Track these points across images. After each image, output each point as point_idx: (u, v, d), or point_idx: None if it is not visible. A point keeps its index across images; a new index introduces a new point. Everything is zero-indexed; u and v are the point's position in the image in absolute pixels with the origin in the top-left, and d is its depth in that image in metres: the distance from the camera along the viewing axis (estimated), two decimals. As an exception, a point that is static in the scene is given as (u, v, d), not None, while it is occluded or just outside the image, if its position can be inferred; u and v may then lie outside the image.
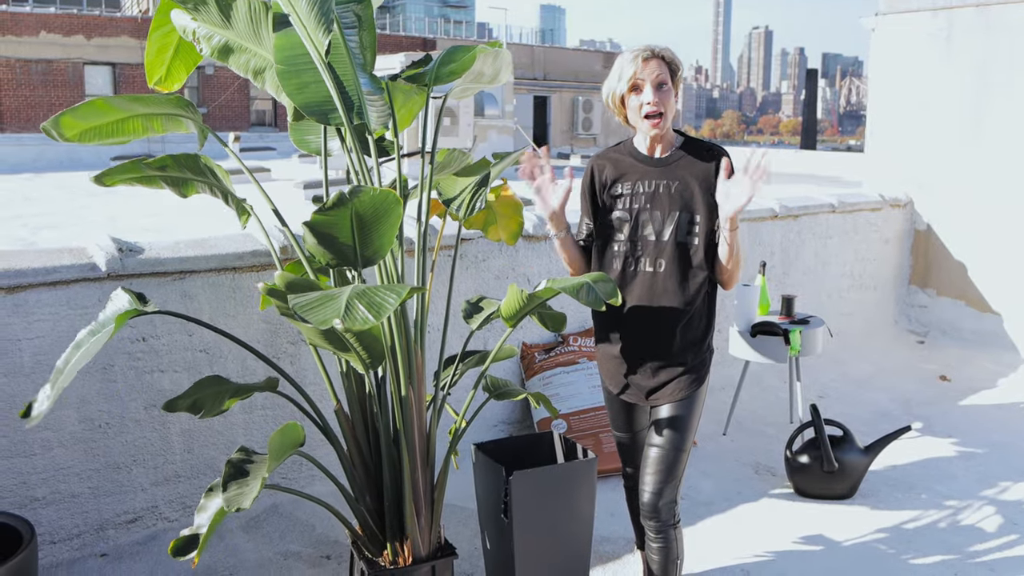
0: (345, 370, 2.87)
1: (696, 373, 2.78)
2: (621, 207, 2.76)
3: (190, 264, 3.48)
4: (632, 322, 2.77)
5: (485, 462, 3.08)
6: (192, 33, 2.93)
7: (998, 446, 4.77)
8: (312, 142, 3.33)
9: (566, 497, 3.02)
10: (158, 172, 2.90)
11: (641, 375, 2.79)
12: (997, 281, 6.55)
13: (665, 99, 2.64)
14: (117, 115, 2.79)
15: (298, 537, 3.62)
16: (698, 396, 2.78)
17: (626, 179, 2.76)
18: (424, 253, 2.92)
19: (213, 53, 2.97)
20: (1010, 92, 6.35)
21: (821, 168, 22.62)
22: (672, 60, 2.66)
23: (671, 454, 2.74)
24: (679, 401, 2.75)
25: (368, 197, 2.40)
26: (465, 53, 2.96)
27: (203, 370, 3.56)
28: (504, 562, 3.05)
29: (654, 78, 2.62)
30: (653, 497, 2.75)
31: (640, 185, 2.74)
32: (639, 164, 2.77)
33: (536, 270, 4.64)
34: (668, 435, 2.74)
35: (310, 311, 2.13)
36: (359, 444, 2.90)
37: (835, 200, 6.37)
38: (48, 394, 2.40)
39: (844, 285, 6.56)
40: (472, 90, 3.41)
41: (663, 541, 2.78)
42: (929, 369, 6.22)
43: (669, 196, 2.70)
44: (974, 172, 6.57)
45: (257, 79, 3.07)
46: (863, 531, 3.80)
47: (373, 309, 2.13)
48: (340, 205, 2.37)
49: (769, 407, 5.31)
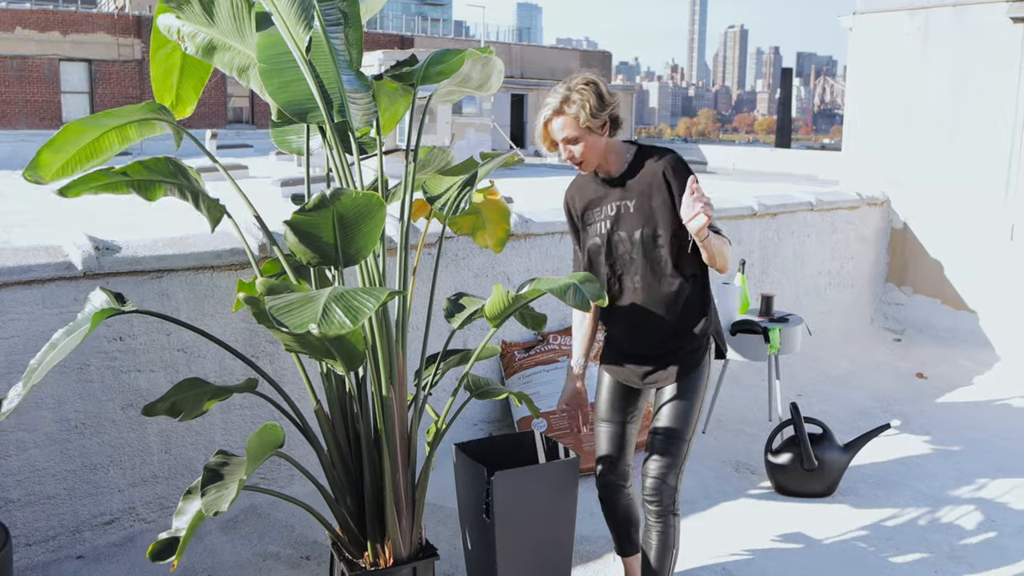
0: (325, 371, 2.84)
1: (690, 359, 2.85)
2: (595, 234, 2.85)
3: (167, 263, 3.44)
4: (628, 334, 2.88)
5: (466, 462, 3.06)
6: (177, 32, 2.91)
7: (975, 443, 4.81)
8: (293, 142, 3.30)
9: (548, 497, 3.01)
10: (122, 178, 2.85)
11: (642, 363, 2.88)
12: (972, 279, 6.61)
13: (578, 150, 2.71)
14: (92, 134, 2.74)
15: (277, 538, 3.59)
16: (696, 385, 2.86)
17: (593, 205, 2.85)
18: (406, 252, 2.90)
19: (198, 51, 2.94)
20: (985, 92, 6.41)
21: (796, 166, 22.76)
22: (574, 112, 2.65)
23: (674, 440, 2.80)
24: (678, 390, 2.83)
25: (350, 200, 2.38)
26: (454, 56, 2.94)
27: (181, 370, 3.52)
28: (486, 562, 3.04)
29: (563, 138, 2.71)
30: (656, 481, 2.79)
31: (605, 209, 2.83)
32: (601, 187, 2.85)
33: (516, 268, 4.63)
34: (670, 420, 2.82)
35: (287, 314, 2.10)
36: (339, 444, 2.87)
37: (813, 198, 6.40)
38: (19, 392, 2.36)
39: (822, 283, 6.60)
40: (459, 94, 3.39)
41: (662, 526, 2.81)
42: (906, 367, 6.27)
43: (631, 215, 2.77)
44: (950, 171, 6.63)
45: (242, 77, 3.04)
46: (843, 529, 3.81)
47: (351, 313, 2.11)
48: (321, 207, 2.35)
49: (748, 405, 5.33)
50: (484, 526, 2.97)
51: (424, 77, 2.96)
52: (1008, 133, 6.31)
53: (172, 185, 2.93)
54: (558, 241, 4.75)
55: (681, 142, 41.43)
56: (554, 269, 4.74)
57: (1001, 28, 6.28)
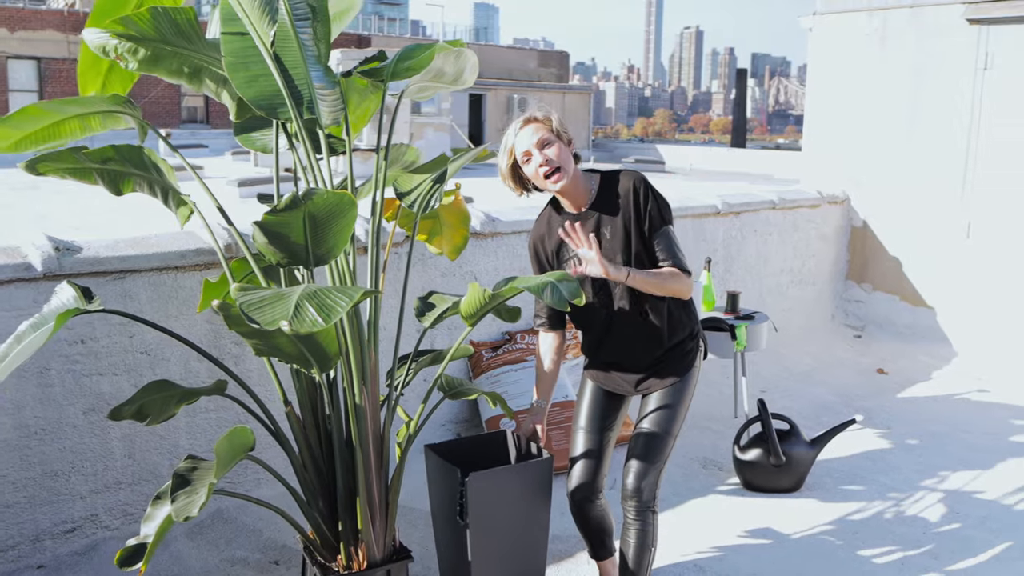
0: (296, 372, 2.79)
1: (680, 363, 2.88)
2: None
3: (130, 263, 3.36)
4: (616, 350, 2.89)
5: (438, 464, 3.02)
6: (114, 50, 2.67)
7: (936, 436, 4.88)
8: (258, 139, 3.24)
9: (522, 497, 2.99)
10: (97, 164, 2.79)
11: (631, 375, 2.90)
12: (930, 276, 6.72)
13: (553, 152, 2.70)
14: (52, 118, 2.67)
15: (245, 543, 3.53)
16: (686, 386, 2.88)
17: (565, 243, 2.82)
18: (377, 251, 2.87)
19: (141, 66, 2.76)
20: (942, 92, 6.51)
21: (753, 166, 23.00)
22: (546, 119, 2.74)
23: (659, 437, 2.82)
24: (667, 389, 2.86)
25: (322, 199, 2.34)
26: (424, 51, 2.91)
27: (144, 373, 3.45)
28: (460, 565, 3.00)
29: (536, 141, 2.71)
30: (637, 479, 2.79)
31: None
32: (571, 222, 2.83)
33: (483, 267, 4.61)
34: (657, 419, 2.83)
35: (258, 310, 2.06)
36: (311, 446, 2.83)
37: (775, 197, 6.46)
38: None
39: (784, 281, 6.66)
40: (432, 89, 3.35)
41: (641, 523, 2.81)
42: (867, 362, 6.35)
43: (608, 243, 2.79)
44: (908, 170, 6.73)
45: (192, 82, 2.96)
46: (811, 523, 3.85)
47: (323, 312, 2.07)
48: (293, 207, 2.31)
49: (713, 402, 5.35)
50: (458, 528, 2.93)
51: (394, 73, 2.93)
52: (964, 133, 6.42)
53: (142, 179, 2.87)
54: (525, 240, 4.74)
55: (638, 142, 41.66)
56: (521, 268, 4.73)
57: (957, 29, 6.39)
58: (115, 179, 2.85)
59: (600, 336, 2.89)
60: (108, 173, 2.82)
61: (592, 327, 2.90)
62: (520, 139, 2.72)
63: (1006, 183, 6.26)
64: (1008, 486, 4.24)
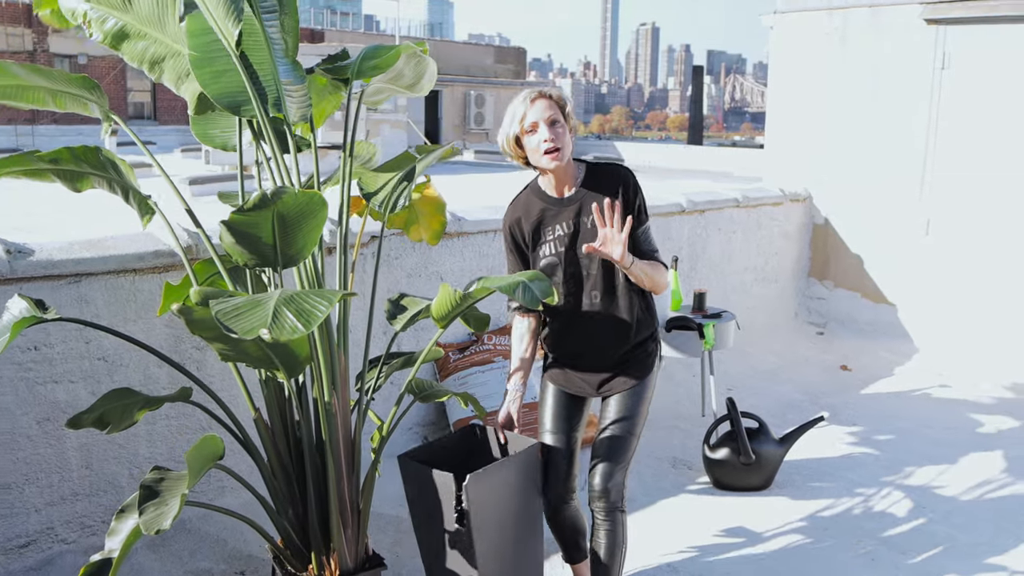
0: (264, 377, 2.71)
1: (643, 364, 2.88)
2: (549, 252, 2.83)
3: (86, 266, 3.25)
4: (581, 343, 2.87)
5: (419, 472, 2.85)
6: (83, 16, 2.69)
7: (901, 432, 4.92)
8: (217, 136, 3.14)
9: (519, 489, 2.83)
10: (49, 165, 2.68)
11: (593, 375, 2.87)
12: (891, 273, 6.78)
13: (560, 135, 2.71)
14: (14, 80, 2.58)
15: (209, 553, 3.43)
16: (647, 385, 2.88)
17: (545, 225, 2.83)
18: (346, 252, 2.80)
19: (106, 39, 2.72)
20: (901, 91, 6.57)
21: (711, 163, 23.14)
22: (560, 99, 2.75)
23: (623, 437, 2.81)
24: (630, 389, 2.85)
25: (291, 199, 2.26)
26: (389, 50, 2.85)
27: (102, 380, 3.34)
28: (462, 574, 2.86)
29: (547, 117, 2.70)
30: (603, 479, 2.79)
31: (560, 227, 2.81)
32: (552, 207, 2.83)
33: (450, 268, 4.54)
34: (620, 420, 2.83)
35: (235, 318, 1.98)
36: (280, 453, 2.75)
37: (739, 195, 6.47)
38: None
39: (748, 279, 6.68)
40: (388, 92, 3.29)
41: (611, 524, 2.81)
42: (830, 359, 6.39)
43: (589, 231, 2.77)
44: (869, 168, 6.78)
45: (154, 70, 2.87)
46: (782, 521, 3.84)
47: (302, 317, 2.00)
48: (262, 207, 2.23)
49: (680, 401, 5.35)
50: (458, 536, 2.76)
51: (359, 72, 2.86)
52: (922, 132, 6.48)
53: (100, 178, 2.76)
54: (492, 239, 4.68)
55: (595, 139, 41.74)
56: (488, 268, 4.67)
57: (915, 29, 6.45)
58: (72, 178, 2.74)
59: (567, 324, 2.86)
60: (64, 173, 2.71)
61: (560, 315, 2.87)
62: (532, 110, 2.70)
63: (963, 181, 6.34)
64: (970, 480, 4.28)
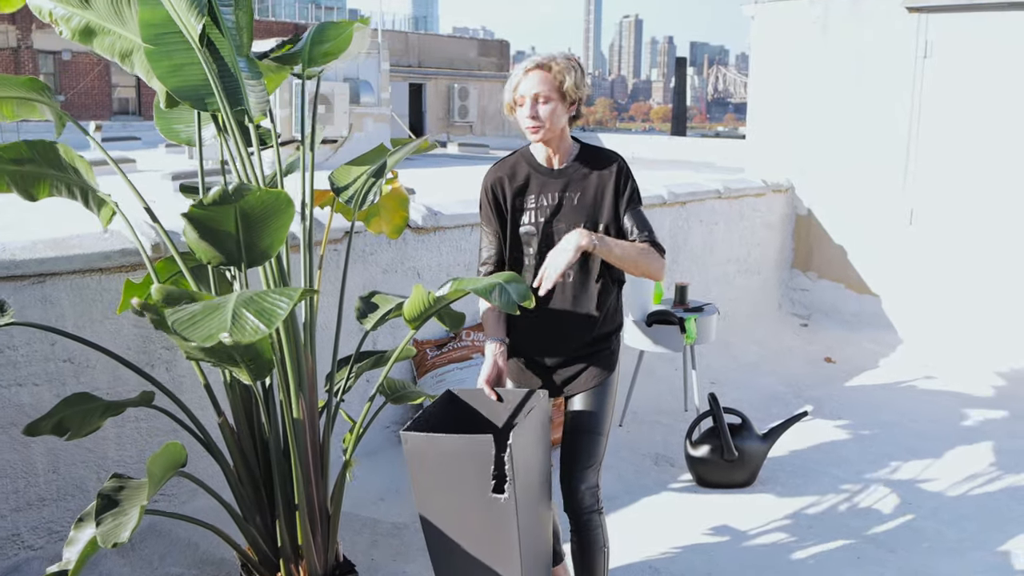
0: (229, 379, 2.62)
1: (608, 361, 2.78)
2: (528, 221, 2.71)
3: (50, 266, 3.15)
4: (544, 329, 2.75)
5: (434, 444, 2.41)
6: (49, 14, 2.64)
7: (886, 426, 4.87)
8: (182, 131, 3.06)
9: (541, 444, 2.61)
10: (10, 166, 2.56)
11: (553, 371, 2.76)
12: (875, 263, 6.74)
13: (546, 114, 2.59)
14: None
15: (180, 558, 3.34)
16: (611, 381, 2.78)
17: (528, 192, 2.72)
18: (311, 248, 2.71)
19: (74, 35, 2.66)
20: (883, 80, 6.52)
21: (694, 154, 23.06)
22: (560, 72, 2.59)
23: (591, 438, 2.71)
24: (593, 388, 2.74)
25: (255, 198, 2.18)
26: (340, 32, 2.75)
27: (68, 382, 3.24)
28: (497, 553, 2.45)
29: (534, 93, 2.59)
30: (577, 483, 2.69)
31: (544, 198, 2.70)
32: (539, 175, 2.73)
33: (426, 263, 4.46)
34: (586, 421, 2.72)
35: (192, 327, 1.90)
36: (246, 458, 2.66)
37: (721, 186, 6.41)
38: None
39: (731, 271, 6.62)
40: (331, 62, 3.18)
41: (589, 527, 2.72)
42: (814, 351, 6.34)
43: (573, 208, 2.68)
44: (852, 158, 6.73)
45: (125, 62, 2.78)
46: (766, 519, 3.78)
47: (263, 317, 1.91)
48: (222, 203, 2.14)
49: (663, 396, 5.29)
50: (492, 509, 2.38)
51: (311, 59, 2.77)
52: (905, 120, 6.43)
53: (59, 180, 2.66)
54: (468, 234, 4.60)
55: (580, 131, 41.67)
56: (465, 263, 4.59)
57: (897, 17, 6.39)
58: (28, 183, 2.61)
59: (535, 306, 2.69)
60: (21, 176, 2.58)
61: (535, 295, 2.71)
62: (524, 82, 2.59)
63: (947, 170, 6.30)
64: (957, 475, 4.23)
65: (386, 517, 3.72)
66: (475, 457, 2.35)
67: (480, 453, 2.34)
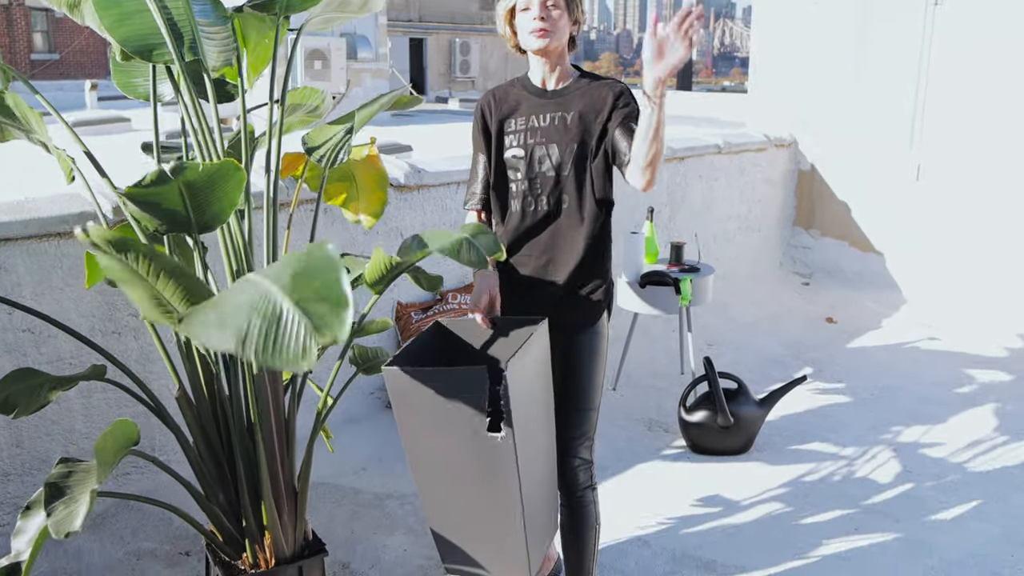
0: (185, 350, 2.47)
1: (597, 306, 2.59)
2: (515, 144, 2.54)
3: (4, 231, 2.98)
4: (535, 260, 2.57)
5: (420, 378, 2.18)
6: None
7: (887, 390, 4.72)
8: (140, 85, 2.87)
9: (542, 377, 2.41)
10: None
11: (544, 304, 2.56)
12: (879, 220, 6.54)
13: (555, 20, 2.43)
14: None
15: (152, 533, 3.22)
16: (602, 338, 2.58)
17: (518, 114, 2.56)
18: (275, 208, 2.54)
19: None
20: (891, 33, 6.27)
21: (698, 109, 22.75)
22: None
23: (583, 412, 2.56)
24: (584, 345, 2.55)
25: (195, 173, 2.00)
26: None
27: (29, 352, 3.10)
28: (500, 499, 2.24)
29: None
30: (571, 459, 2.57)
31: (534, 119, 2.53)
32: (532, 97, 2.56)
33: (410, 223, 4.29)
34: (579, 391, 2.55)
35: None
36: (207, 434, 2.52)
37: (720, 141, 6.20)
38: None
39: (731, 228, 6.44)
40: (338, 20, 2.97)
41: (582, 503, 2.60)
42: (815, 311, 6.18)
43: (565, 128, 2.50)
44: (857, 112, 6.50)
45: (75, 13, 2.60)
46: (761, 488, 3.65)
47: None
48: (161, 183, 1.98)
49: (658, 359, 5.14)
50: (487, 449, 2.17)
51: (289, 5, 2.57)
52: (914, 72, 6.19)
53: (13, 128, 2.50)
54: (454, 192, 4.42)
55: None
56: (451, 223, 4.41)
57: (905, -38, 6.13)
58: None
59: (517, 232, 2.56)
60: None
61: (511, 218, 2.57)
62: None
63: (957, 124, 6.06)
64: (960, 441, 4.09)
65: (368, 487, 3.60)
66: (467, 391, 2.12)
67: (472, 386, 2.11)
